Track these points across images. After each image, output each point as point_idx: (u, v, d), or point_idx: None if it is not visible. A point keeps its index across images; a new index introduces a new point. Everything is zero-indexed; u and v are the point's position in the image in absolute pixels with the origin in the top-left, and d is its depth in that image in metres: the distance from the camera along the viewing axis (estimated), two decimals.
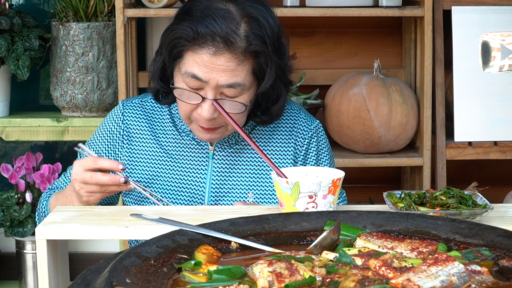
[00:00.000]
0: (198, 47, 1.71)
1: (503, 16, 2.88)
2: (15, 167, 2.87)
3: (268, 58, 1.74)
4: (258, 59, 1.75)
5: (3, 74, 2.89)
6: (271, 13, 1.78)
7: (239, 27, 1.72)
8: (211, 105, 1.73)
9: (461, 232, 1.20)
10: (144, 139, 1.90)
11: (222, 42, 1.70)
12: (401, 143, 2.87)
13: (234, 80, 1.73)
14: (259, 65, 1.75)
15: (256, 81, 1.78)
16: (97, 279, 1.04)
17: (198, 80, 1.73)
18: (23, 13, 2.87)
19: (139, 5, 2.89)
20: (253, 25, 1.73)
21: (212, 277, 1.05)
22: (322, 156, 1.94)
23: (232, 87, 1.73)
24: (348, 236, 1.22)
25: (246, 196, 1.87)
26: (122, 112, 1.92)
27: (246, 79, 1.74)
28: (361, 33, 3.13)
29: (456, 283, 1.00)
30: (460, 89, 2.87)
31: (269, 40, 1.74)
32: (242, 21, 1.73)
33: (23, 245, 2.99)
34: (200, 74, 1.72)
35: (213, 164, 1.88)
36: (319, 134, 1.94)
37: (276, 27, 1.77)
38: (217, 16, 1.71)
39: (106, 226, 1.48)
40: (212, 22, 1.70)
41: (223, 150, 1.88)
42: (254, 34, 1.72)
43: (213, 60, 1.71)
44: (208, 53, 1.71)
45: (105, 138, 1.92)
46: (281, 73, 1.79)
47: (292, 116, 1.93)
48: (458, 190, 1.57)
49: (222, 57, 1.71)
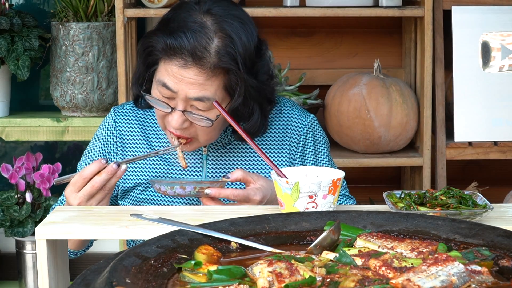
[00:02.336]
0: (168, 59, 1.73)
1: (503, 16, 2.88)
2: (15, 167, 2.87)
3: (238, 77, 1.74)
4: (229, 76, 1.74)
5: (3, 74, 2.89)
6: (248, 31, 1.76)
7: (211, 42, 1.71)
8: (181, 115, 1.75)
9: (461, 232, 1.20)
10: (137, 144, 1.91)
11: (190, 56, 1.70)
12: (401, 143, 2.87)
13: (203, 94, 1.73)
14: (230, 82, 1.75)
15: (228, 96, 1.77)
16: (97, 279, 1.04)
17: (169, 90, 1.74)
18: (23, 13, 2.87)
19: (139, 5, 2.89)
20: (226, 42, 1.72)
21: (212, 277, 1.05)
22: (319, 150, 1.94)
23: (201, 101, 1.73)
24: (348, 236, 1.22)
25: None
26: (114, 118, 1.93)
27: (216, 94, 1.74)
28: (361, 33, 3.13)
29: (456, 283, 1.00)
30: (460, 89, 2.87)
31: (241, 59, 1.73)
32: (216, 36, 1.72)
33: (23, 245, 2.99)
34: (170, 84, 1.74)
35: (208, 165, 1.88)
36: (314, 128, 1.94)
37: (251, 46, 1.75)
38: (189, 30, 1.71)
39: (106, 226, 1.48)
40: (182, 35, 1.71)
41: (217, 151, 1.89)
42: (225, 51, 1.71)
43: (182, 72, 1.72)
44: (177, 65, 1.72)
45: (99, 146, 1.93)
46: (254, 92, 1.77)
47: (285, 113, 1.93)
48: (458, 190, 1.57)
49: (190, 71, 1.72)
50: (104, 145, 1.92)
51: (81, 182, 1.68)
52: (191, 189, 1.68)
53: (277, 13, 2.76)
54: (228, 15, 1.75)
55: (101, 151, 1.92)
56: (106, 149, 1.92)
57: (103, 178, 1.68)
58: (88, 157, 1.94)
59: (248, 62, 1.75)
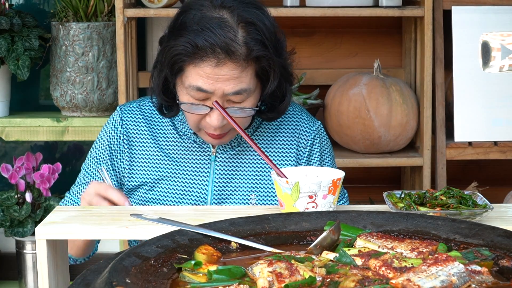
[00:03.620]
0: (199, 61, 1.70)
1: (503, 16, 2.88)
2: (15, 167, 2.87)
3: (270, 61, 1.74)
4: (260, 63, 1.73)
5: (3, 74, 2.89)
6: (266, 15, 1.76)
7: (237, 34, 1.70)
8: (219, 113, 1.72)
9: (461, 232, 1.20)
10: (144, 142, 1.90)
11: (223, 53, 1.68)
12: (401, 143, 2.87)
13: (240, 87, 1.72)
14: (262, 68, 1.74)
15: (259, 83, 1.77)
16: (97, 279, 1.04)
17: (204, 92, 1.72)
18: (23, 13, 2.87)
19: (139, 5, 2.89)
20: (251, 30, 1.71)
21: (212, 277, 1.05)
22: (325, 157, 1.94)
23: (239, 94, 1.73)
24: (348, 236, 1.22)
25: (249, 197, 1.86)
26: (121, 116, 1.91)
27: (251, 83, 1.74)
28: (361, 33, 3.13)
29: (456, 283, 1.00)
30: (460, 89, 2.87)
31: (269, 43, 1.72)
32: (239, 27, 1.71)
33: (23, 245, 2.99)
34: (205, 86, 1.71)
35: (215, 166, 1.87)
36: (321, 135, 1.94)
37: (272, 27, 1.75)
38: (214, 27, 1.68)
39: (106, 226, 1.48)
40: (210, 34, 1.68)
41: (225, 152, 1.88)
42: (253, 40, 1.70)
43: (216, 71, 1.69)
44: (211, 66, 1.69)
45: (105, 144, 1.91)
46: (284, 71, 1.78)
47: (295, 117, 1.93)
48: (458, 190, 1.57)
49: (225, 67, 1.69)
50: (111, 143, 1.90)
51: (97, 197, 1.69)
52: None
53: (277, 13, 2.76)
54: (242, 4, 1.74)
55: (108, 149, 1.90)
56: (112, 147, 1.90)
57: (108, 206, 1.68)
58: (93, 156, 1.92)
59: (275, 43, 1.75)
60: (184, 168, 1.87)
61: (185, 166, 1.87)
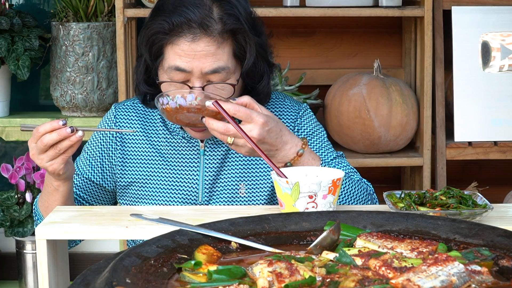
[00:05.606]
0: (176, 38, 1.75)
1: (503, 16, 2.88)
2: (15, 167, 2.87)
3: (245, 35, 1.78)
4: (236, 38, 1.77)
5: (3, 74, 2.89)
6: None
7: (212, 11, 1.76)
8: (200, 93, 1.73)
9: (461, 232, 1.20)
10: (137, 140, 1.92)
11: (198, 27, 1.73)
12: (401, 143, 2.87)
13: (217, 65, 1.75)
14: (239, 45, 1.78)
15: (239, 63, 1.80)
16: (97, 279, 1.04)
17: (183, 71, 1.75)
18: (23, 13, 2.87)
19: (139, 5, 2.89)
20: (225, 6, 1.77)
21: (212, 277, 1.05)
22: (313, 135, 1.92)
23: (217, 72, 1.75)
24: (348, 236, 1.22)
25: (238, 188, 1.88)
26: (115, 114, 1.94)
27: (229, 62, 1.77)
28: (361, 33, 3.13)
29: (456, 283, 1.00)
30: (460, 89, 2.87)
31: (243, 18, 1.78)
32: (214, 5, 1.77)
33: (23, 245, 2.99)
34: (183, 65, 1.75)
35: (205, 160, 1.89)
36: (306, 116, 1.94)
37: (248, 7, 1.82)
38: (189, 5, 1.75)
39: (106, 226, 1.48)
40: (185, 10, 1.74)
41: (214, 146, 1.90)
42: (227, 14, 1.76)
43: (193, 47, 1.73)
44: (187, 41, 1.74)
45: (99, 141, 1.94)
46: (261, 50, 1.82)
47: (278, 103, 1.95)
48: (458, 190, 1.57)
49: (201, 42, 1.74)
50: (104, 141, 1.93)
51: (36, 136, 1.67)
52: (192, 98, 1.67)
53: (277, 13, 2.76)
54: None
55: (100, 146, 1.93)
56: (105, 145, 1.92)
57: (53, 137, 1.65)
58: (86, 152, 1.95)
59: (250, 20, 1.80)
60: (174, 164, 1.89)
61: (175, 162, 1.89)
